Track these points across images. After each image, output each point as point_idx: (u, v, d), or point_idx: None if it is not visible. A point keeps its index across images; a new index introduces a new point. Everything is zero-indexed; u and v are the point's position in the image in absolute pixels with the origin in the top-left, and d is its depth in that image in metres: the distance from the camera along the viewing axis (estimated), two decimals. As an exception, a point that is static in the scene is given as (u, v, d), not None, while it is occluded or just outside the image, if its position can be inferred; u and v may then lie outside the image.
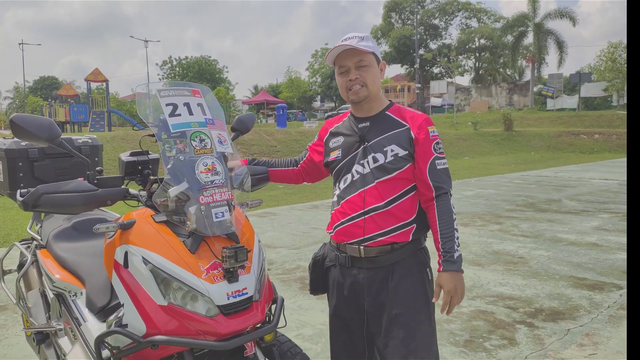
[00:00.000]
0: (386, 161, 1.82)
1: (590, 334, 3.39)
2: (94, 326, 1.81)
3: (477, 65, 51.96)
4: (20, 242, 2.63)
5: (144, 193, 1.70)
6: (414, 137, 1.85)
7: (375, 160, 1.85)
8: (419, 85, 43.01)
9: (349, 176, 1.90)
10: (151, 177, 1.70)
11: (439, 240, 1.81)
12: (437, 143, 1.87)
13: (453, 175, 9.84)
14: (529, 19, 36.83)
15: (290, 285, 4.52)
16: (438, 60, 43.45)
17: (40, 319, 2.18)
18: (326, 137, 2.06)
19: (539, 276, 4.69)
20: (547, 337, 3.35)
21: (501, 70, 51.08)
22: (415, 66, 43.04)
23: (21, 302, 2.43)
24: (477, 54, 50.97)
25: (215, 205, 1.54)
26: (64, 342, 2.04)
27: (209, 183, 1.55)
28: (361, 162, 1.87)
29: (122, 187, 1.70)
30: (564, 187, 11.19)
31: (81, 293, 1.97)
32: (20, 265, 2.54)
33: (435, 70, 51.29)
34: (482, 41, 48.96)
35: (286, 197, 10.01)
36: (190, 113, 1.62)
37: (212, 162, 1.58)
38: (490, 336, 3.38)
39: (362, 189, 1.86)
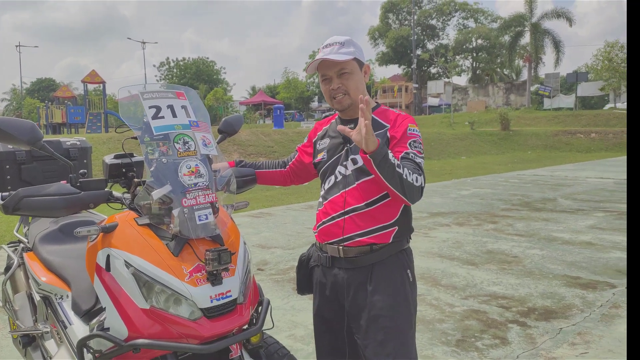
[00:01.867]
0: (364, 163, 1.81)
1: (583, 332, 3.40)
2: (79, 329, 1.81)
3: (474, 65, 52.05)
4: (7, 244, 2.62)
5: (127, 196, 1.70)
6: (390, 135, 1.84)
7: (354, 162, 1.85)
8: (416, 86, 43.05)
9: (332, 177, 1.91)
10: (135, 180, 1.70)
11: None
12: (415, 141, 1.83)
13: (450, 175, 9.81)
14: (525, 19, 36.94)
15: (283, 285, 4.52)
16: (435, 60, 43.46)
17: (27, 322, 2.17)
18: (315, 138, 2.07)
19: (532, 275, 4.70)
20: (539, 336, 3.36)
21: (498, 70, 51.16)
22: (412, 66, 43.06)
23: (7, 305, 2.43)
24: (474, 54, 51.05)
25: (199, 208, 1.54)
26: (50, 345, 2.03)
27: (192, 186, 1.54)
28: (344, 163, 1.88)
29: (106, 189, 1.69)
30: (559, 186, 11.21)
31: (67, 296, 1.96)
32: (7, 268, 2.53)
33: (433, 70, 51.36)
34: (479, 41, 49.05)
35: (282, 197, 10.00)
36: (174, 115, 1.61)
37: (196, 165, 1.57)
38: (482, 336, 3.38)
39: (344, 190, 1.86)
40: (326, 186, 1.94)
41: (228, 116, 2.11)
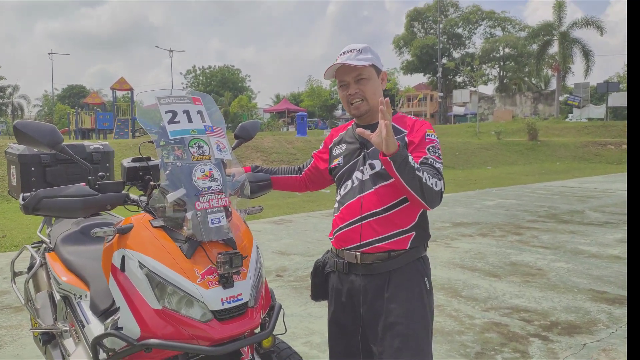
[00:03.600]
0: (382, 167, 1.80)
1: (608, 349, 3.28)
2: (96, 328, 1.84)
3: (501, 74, 51.37)
4: (31, 245, 2.69)
5: (144, 198, 1.73)
6: (408, 140, 1.83)
7: (372, 167, 1.85)
8: (442, 94, 42.71)
9: (349, 182, 1.91)
10: (151, 183, 1.73)
11: None
12: (434, 147, 1.82)
13: (474, 185, 9.62)
14: (554, 28, 36.25)
15: (301, 292, 4.51)
16: (461, 69, 43.08)
17: (47, 320, 2.23)
18: (331, 145, 2.08)
19: (557, 289, 4.57)
20: (562, 351, 3.26)
21: (526, 79, 50.37)
22: (437, 75, 42.77)
23: (29, 303, 2.49)
24: (502, 63, 50.40)
25: (212, 211, 1.55)
26: (68, 343, 2.08)
27: (206, 189, 1.56)
28: (361, 168, 1.88)
29: (123, 192, 1.73)
30: (588, 198, 10.92)
31: (86, 296, 2.00)
32: (30, 267, 2.60)
33: (459, 79, 50.89)
34: (507, 50, 48.41)
35: (303, 205, 10.02)
36: (190, 120, 1.64)
37: (210, 169, 1.60)
38: (502, 349, 3.30)
39: (360, 195, 1.86)
40: (342, 192, 1.94)
41: (244, 121, 2.13)
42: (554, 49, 37.36)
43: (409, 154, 1.68)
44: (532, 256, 5.80)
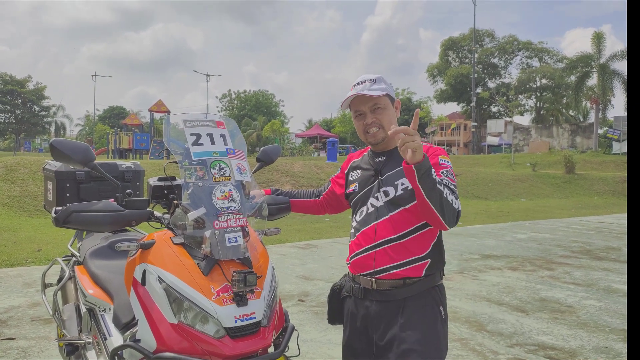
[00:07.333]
0: (396, 195, 1.83)
1: (639, 394, 3.13)
2: (117, 341, 1.90)
3: (538, 105, 50.54)
4: (62, 257, 2.81)
5: (167, 216, 1.81)
6: None
7: (386, 194, 1.87)
8: (475, 124, 42.30)
9: (364, 209, 1.94)
10: (175, 202, 1.80)
11: None
12: (447, 171, 1.82)
13: (507, 217, 9.39)
14: (593, 59, 35.56)
15: (322, 318, 4.49)
16: (496, 99, 42.69)
17: (73, 332, 2.31)
18: (347, 170, 2.13)
19: (586, 327, 4.40)
20: (589, 393, 3.13)
21: (564, 110, 49.36)
22: (471, 104, 42.48)
23: (57, 314, 2.59)
24: (539, 94, 49.64)
25: (230, 231, 1.61)
26: (91, 355, 2.15)
27: (224, 209, 1.62)
28: (375, 195, 1.91)
29: (147, 209, 1.81)
30: (626, 234, 10.50)
31: (109, 309, 2.08)
32: (59, 280, 2.71)
33: (494, 109, 50.36)
34: (544, 81, 47.72)
35: (331, 230, 10.03)
36: (212, 143, 1.72)
37: (229, 190, 1.66)
38: (525, 387, 3.19)
39: (375, 222, 1.88)
40: (358, 217, 1.97)
41: (266, 146, 2.21)
42: (593, 80, 36.57)
43: (432, 167, 1.67)
44: (562, 292, 5.61)
